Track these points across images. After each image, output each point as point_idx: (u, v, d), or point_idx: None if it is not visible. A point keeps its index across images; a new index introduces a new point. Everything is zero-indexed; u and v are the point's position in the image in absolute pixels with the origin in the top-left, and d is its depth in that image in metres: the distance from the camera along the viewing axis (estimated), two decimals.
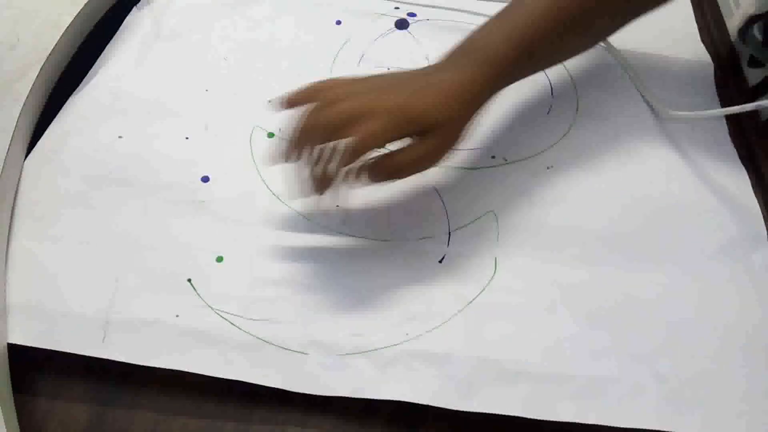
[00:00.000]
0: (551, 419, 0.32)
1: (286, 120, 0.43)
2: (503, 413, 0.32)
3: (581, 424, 0.32)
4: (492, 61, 0.35)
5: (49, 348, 0.33)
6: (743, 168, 0.42)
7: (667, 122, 0.45)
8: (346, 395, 0.32)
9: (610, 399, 0.32)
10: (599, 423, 0.32)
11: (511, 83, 0.37)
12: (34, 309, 0.34)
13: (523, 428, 0.32)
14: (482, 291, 0.36)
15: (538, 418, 0.32)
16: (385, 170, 0.33)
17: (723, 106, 0.46)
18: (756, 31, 0.47)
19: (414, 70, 0.36)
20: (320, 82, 0.35)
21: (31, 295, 0.34)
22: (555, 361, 0.33)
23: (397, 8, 0.52)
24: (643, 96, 0.46)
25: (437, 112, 0.33)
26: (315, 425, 0.32)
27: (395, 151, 0.33)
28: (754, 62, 0.48)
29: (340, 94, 0.33)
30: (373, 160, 0.33)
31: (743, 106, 0.38)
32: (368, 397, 0.32)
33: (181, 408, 0.32)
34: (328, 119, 0.32)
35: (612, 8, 0.39)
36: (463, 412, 0.32)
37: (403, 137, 0.33)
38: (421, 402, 0.32)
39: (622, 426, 0.32)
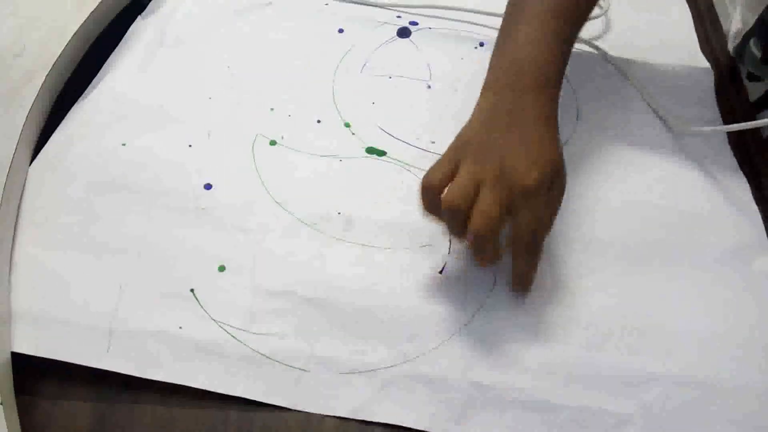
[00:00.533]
0: None
1: (287, 128, 0.43)
2: None
3: None
4: (543, 70, 0.35)
5: (53, 358, 0.33)
6: (743, 176, 0.42)
7: (667, 131, 0.45)
8: (344, 416, 0.32)
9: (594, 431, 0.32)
10: None
11: (564, 71, 0.38)
12: (39, 318, 0.34)
13: None
14: (480, 309, 0.36)
15: None
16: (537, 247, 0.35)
17: (723, 116, 0.47)
18: (753, 48, 0.47)
19: (486, 118, 0.35)
20: (429, 190, 0.34)
21: (35, 303, 0.35)
22: (546, 388, 0.33)
23: (399, 17, 0.53)
24: (651, 107, 0.46)
25: (554, 163, 0.34)
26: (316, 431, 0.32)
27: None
28: (753, 76, 0.48)
29: (467, 194, 0.33)
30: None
31: (751, 122, 0.38)
32: (365, 419, 0.32)
33: (182, 413, 0.32)
34: (484, 233, 0.32)
35: None
36: None
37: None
38: (417, 427, 0.32)
39: None
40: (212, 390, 0.32)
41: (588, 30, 0.52)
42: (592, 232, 0.39)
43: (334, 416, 0.32)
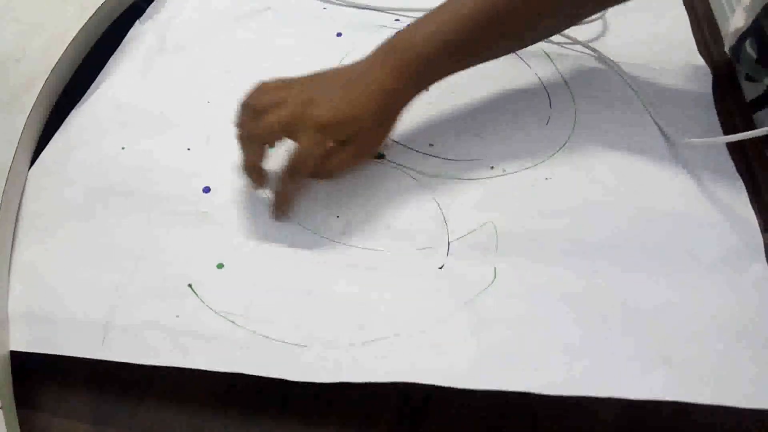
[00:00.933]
0: (557, 393, 0.31)
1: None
2: (511, 390, 0.31)
3: (576, 405, 0.31)
4: (414, 61, 0.38)
5: (48, 352, 0.33)
6: (740, 179, 0.42)
7: (664, 135, 0.45)
8: (349, 380, 0.32)
9: (616, 373, 0.32)
10: (607, 395, 0.31)
11: (435, 82, 0.40)
12: (35, 317, 0.34)
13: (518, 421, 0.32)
14: (483, 291, 0.36)
15: (544, 393, 0.31)
16: (317, 176, 0.39)
17: (721, 118, 0.47)
18: (749, 48, 0.47)
19: (341, 70, 0.39)
20: (254, 88, 0.38)
21: (32, 304, 0.35)
22: (555, 366, 0.33)
23: (397, 20, 0.53)
24: (648, 111, 0.46)
25: (360, 123, 0.37)
26: None
27: (324, 157, 0.38)
28: (750, 77, 0.48)
29: (270, 101, 0.37)
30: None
31: (745, 133, 0.39)
32: (373, 380, 0.32)
33: (180, 422, 0.32)
34: (258, 132, 0.37)
35: (542, 9, 0.40)
36: (465, 416, 0.32)
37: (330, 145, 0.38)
38: (428, 382, 0.31)
39: (630, 398, 0.31)
40: (214, 370, 0.32)
41: (585, 32, 0.53)
42: (588, 235, 0.39)
43: (335, 423, 0.32)
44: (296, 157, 0.37)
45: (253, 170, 0.39)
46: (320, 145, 0.37)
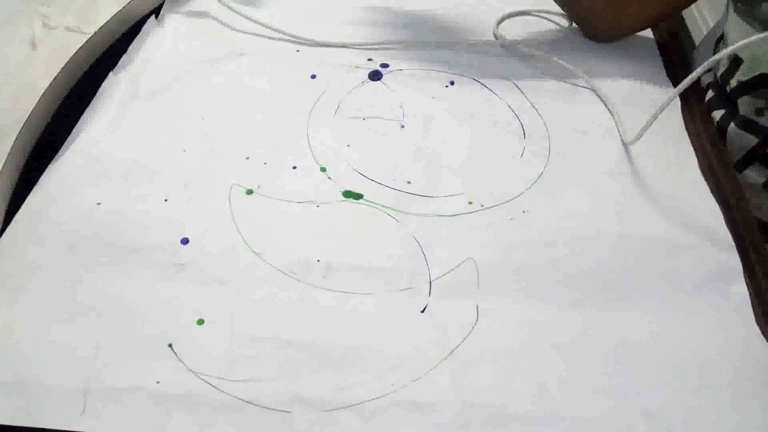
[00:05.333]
0: None
1: (263, 176, 0.44)
2: None
3: None
4: None
5: (26, 425, 0.32)
6: (716, 202, 0.43)
7: (640, 160, 0.46)
8: None
9: None
10: None
11: None
12: (10, 385, 0.33)
13: None
14: (465, 338, 0.36)
15: None
16: None
17: (693, 142, 0.47)
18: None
19: None
20: None
21: (6, 370, 0.34)
22: (543, 403, 0.33)
23: (370, 60, 0.54)
24: (620, 134, 0.47)
25: None
26: None
27: None
28: (717, 104, 0.49)
29: None
30: None
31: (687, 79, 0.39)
32: None
33: None
34: None
35: None
36: None
37: None
38: None
39: None
40: None
41: (555, 48, 0.54)
42: (568, 267, 0.39)
43: None
44: None
45: None
46: None
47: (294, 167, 0.45)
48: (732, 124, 0.47)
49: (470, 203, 0.43)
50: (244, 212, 0.42)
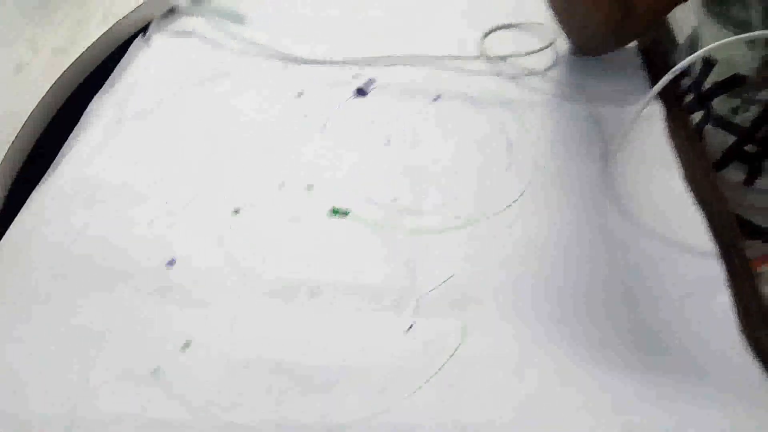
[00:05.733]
0: None
1: (250, 195, 0.44)
2: None
3: None
4: None
5: None
6: (698, 211, 0.43)
7: (624, 172, 0.46)
8: None
9: None
10: None
11: None
12: None
13: None
14: (451, 357, 0.36)
15: None
16: None
17: (678, 153, 0.48)
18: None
19: None
20: None
21: None
22: (528, 421, 0.33)
23: (355, 77, 0.54)
24: (599, 147, 0.47)
25: None
26: None
27: None
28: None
29: None
30: None
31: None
32: None
33: None
34: None
35: None
36: None
37: None
38: None
39: None
40: None
41: (539, 62, 0.54)
42: (553, 282, 0.39)
43: None
44: None
45: None
46: None
47: (280, 185, 0.45)
48: (709, 124, 0.48)
49: (456, 218, 0.43)
50: (230, 232, 0.42)
